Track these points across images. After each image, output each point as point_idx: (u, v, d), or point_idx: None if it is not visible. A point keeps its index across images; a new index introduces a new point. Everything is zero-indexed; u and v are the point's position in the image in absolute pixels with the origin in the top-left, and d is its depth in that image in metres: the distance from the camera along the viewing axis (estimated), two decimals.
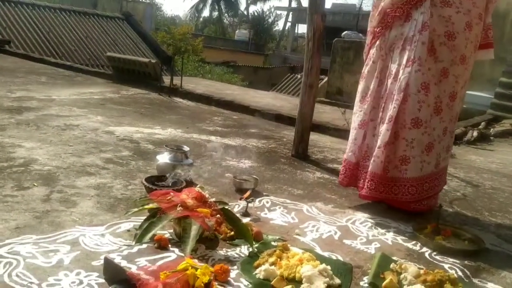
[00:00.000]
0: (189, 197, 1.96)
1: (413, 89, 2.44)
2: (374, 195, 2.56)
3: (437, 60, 2.47)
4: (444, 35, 2.45)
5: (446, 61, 2.47)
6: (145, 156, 3.24)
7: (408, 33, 2.52)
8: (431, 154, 2.52)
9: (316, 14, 3.68)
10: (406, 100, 2.45)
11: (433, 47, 2.46)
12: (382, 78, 2.61)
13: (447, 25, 2.46)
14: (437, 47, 2.46)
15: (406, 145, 2.49)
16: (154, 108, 5.50)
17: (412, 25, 2.50)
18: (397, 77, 2.51)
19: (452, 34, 2.45)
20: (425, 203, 2.62)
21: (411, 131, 2.46)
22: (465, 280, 1.90)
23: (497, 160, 4.68)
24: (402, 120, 2.47)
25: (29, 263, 1.64)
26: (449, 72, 2.48)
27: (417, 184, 2.52)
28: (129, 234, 1.95)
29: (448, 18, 2.46)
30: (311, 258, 1.80)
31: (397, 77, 2.51)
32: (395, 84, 2.51)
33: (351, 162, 2.71)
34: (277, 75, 18.81)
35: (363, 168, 2.65)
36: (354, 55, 8.59)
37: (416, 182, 2.52)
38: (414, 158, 2.49)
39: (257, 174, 3.05)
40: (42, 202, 2.20)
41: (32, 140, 3.30)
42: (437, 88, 2.47)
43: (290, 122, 5.20)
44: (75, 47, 11.81)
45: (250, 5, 40.30)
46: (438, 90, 2.48)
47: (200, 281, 1.45)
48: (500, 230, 2.59)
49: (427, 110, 2.46)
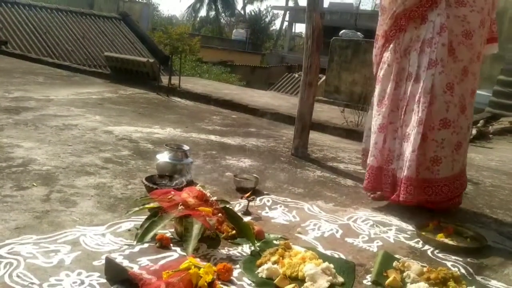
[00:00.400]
0: (190, 196, 1.95)
1: (439, 90, 2.46)
2: (411, 199, 2.52)
3: (456, 59, 2.49)
4: (462, 35, 2.48)
5: (465, 60, 2.51)
6: (145, 156, 3.22)
7: (425, 36, 2.52)
8: (460, 152, 2.58)
9: (315, 12, 3.67)
10: (433, 102, 2.46)
11: (451, 47, 2.48)
12: (398, 81, 2.62)
13: (463, 25, 2.49)
14: (455, 47, 2.49)
15: (436, 146, 2.50)
16: (152, 107, 5.48)
17: (429, 27, 2.50)
18: (418, 80, 2.52)
19: (469, 33, 2.48)
20: (456, 200, 2.68)
21: (440, 132, 2.48)
22: (468, 278, 1.89)
23: (496, 158, 4.69)
24: (430, 122, 2.47)
25: (29, 263, 1.62)
26: (468, 71, 2.52)
27: (449, 183, 2.56)
28: (130, 233, 1.94)
29: (463, 18, 2.49)
30: (313, 256, 1.79)
31: (418, 79, 2.51)
32: (417, 87, 2.52)
33: (374, 166, 2.70)
34: (274, 74, 18.79)
35: (387, 172, 2.64)
36: (352, 54, 8.59)
37: (448, 181, 2.55)
38: (445, 158, 2.51)
39: (257, 173, 3.04)
40: (42, 202, 2.18)
41: (30, 140, 3.28)
42: (459, 87, 2.50)
43: (288, 121, 5.20)
44: (72, 47, 11.76)
45: (247, 4, 40.29)
46: (461, 89, 2.51)
47: (203, 280, 1.44)
48: (502, 228, 2.59)
49: (454, 110, 2.49)
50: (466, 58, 2.50)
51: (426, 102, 2.46)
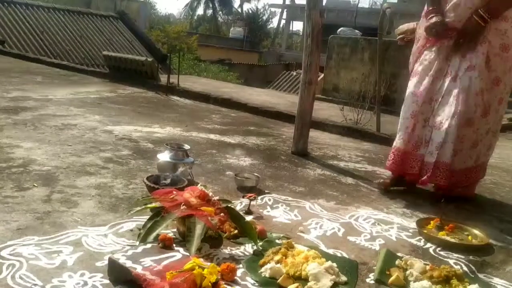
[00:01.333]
0: (193, 196, 1.94)
1: (473, 92, 2.69)
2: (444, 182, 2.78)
3: (490, 69, 2.70)
4: (499, 47, 2.68)
5: (498, 71, 2.71)
6: (145, 155, 3.22)
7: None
8: (475, 150, 2.81)
9: (315, 10, 3.66)
10: (467, 100, 2.68)
11: (488, 58, 2.69)
12: (435, 78, 2.83)
13: (503, 38, 2.68)
14: (491, 57, 2.69)
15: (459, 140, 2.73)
16: (152, 106, 5.47)
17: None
18: (455, 79, 2.75)
19: (506, 46, 2.68)
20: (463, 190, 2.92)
21: (463, 129, 2.71)
22: (471, 275, 1.90)
23: (496, 155, 4.68)
24: (460, 118, 2.69)
25: (32, 264, 1.61)
26: (501, 81, 2.74)
27: (457, 174, 2.79)
28: (132, 233, 1.93)
29: (504, 32, 2.67)
30: (316, 255, 1.79)
31: (456, 78, 2.74)
32: (454, 84, 2.74)
33: (401, 149, 2.92)
34: (272, 72, 18.78)
35: (414, 157, 2.88)
36: (350, 52, 8.57)
37: (457, 173, 2.79)
38: (461, 151, 2.76)
39: (257, 171, 3.04)
40: (43, 203, 2.18)
41: (30, 140, 3.27)
42: (488, 93, 2.72)
43: (288, 119, 5.20)
44: (70, 47, 11.74)
45: (244, 2, 40.29)
46: (489, 95, 2.73)
47: (207, 280, 1.44)
48: (503, 225, 2.59)
49: (479, 112, 2.72)
50: (499, 69, 2.71)
51: (464, 97, 2.68)
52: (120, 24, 13.89)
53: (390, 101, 6.90)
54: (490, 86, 2.72)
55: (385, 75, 6.17)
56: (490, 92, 2.73)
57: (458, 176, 2.80)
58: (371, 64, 7.57)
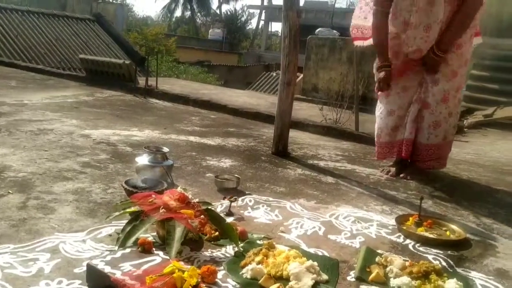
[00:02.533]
0: (172, 199, 1.92)
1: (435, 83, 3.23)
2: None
3: (447, 64, 3.15)
4: (454, 46, 3.11)
5: (455, 65, 3.18)
6: (124, 159, 3.18)
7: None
8: (438, 129, 3.29)
9: (292, 11, 3.67)
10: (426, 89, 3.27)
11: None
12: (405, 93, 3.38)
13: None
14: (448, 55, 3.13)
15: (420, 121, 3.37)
16: (130, 109, 5.41)
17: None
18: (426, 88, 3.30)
19: (459, 45, 3.13)
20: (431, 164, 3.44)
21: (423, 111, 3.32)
22: (449, 270, 1.92)
23: (472, 151, 4.79)
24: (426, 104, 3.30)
25: (7, 273, 1.57)
26: (458, 73, 3.21)
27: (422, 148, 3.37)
28: (111, 239, 1.90)
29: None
30: (297, 255, 1.79)
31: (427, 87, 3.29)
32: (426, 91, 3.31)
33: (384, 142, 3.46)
34: (252, 73, 18.81)
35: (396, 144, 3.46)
36: (328, 52, 8.65)
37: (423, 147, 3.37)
38: (422, 129, 3.35)
39: (238, 172, 3.03)
40: (19, 210, 2.13)
41: (4, 146, 3.20)
42: (447, 84, 3.20)
43: (268, 120, 5.21)
44: (45, 50, 11.51)
45: (222, 4, 40.22)
46: (448, 85, 3.21)
47: (187, 283, 1.42)
48: (480, 219, 2.64)
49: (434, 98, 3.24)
50: (455, 64, 3.17)
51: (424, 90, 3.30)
52: (97, 26, 13.70)
53: (368, 100, 6.98)
54: (449, 78, 3.19)
55: (363, 75, 6.23)
56: (449, 83, 3.21)
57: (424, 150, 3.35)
58: (349, 63, 7.65)
